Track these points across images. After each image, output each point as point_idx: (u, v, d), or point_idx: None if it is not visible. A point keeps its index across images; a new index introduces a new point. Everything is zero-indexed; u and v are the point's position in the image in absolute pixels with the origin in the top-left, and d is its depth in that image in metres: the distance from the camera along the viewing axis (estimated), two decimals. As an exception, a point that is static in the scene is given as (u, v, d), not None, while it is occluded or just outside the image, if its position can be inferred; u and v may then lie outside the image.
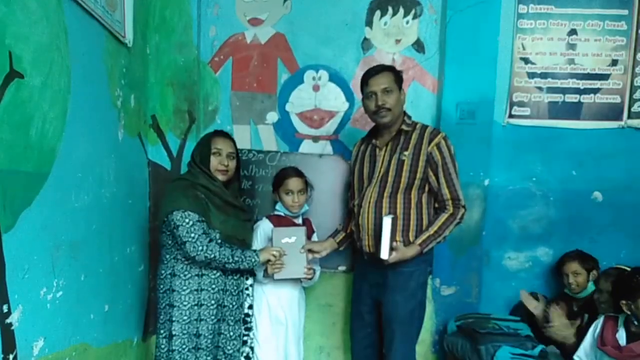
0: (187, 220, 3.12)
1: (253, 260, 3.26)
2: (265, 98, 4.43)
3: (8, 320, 2.20)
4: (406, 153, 3.39)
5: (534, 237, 4.35)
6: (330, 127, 4.42)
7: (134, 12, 3.71)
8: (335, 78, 4.38)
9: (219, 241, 3.21)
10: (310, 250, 3.58)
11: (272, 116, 4.43)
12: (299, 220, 3.81)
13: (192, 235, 3.11)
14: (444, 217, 3.40)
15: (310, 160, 4.28)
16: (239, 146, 4.13)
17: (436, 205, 3.50)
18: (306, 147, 4.44)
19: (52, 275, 2.58)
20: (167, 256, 3.29)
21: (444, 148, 3.39)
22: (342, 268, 4.32)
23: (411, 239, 3.39)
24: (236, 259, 3.19)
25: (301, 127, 4.44)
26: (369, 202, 3.45)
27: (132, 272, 3.82)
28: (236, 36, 4.39)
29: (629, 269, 3.55)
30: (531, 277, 4.38)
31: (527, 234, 4.35)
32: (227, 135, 3.52)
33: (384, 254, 3.18)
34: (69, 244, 2.75)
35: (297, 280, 3.71)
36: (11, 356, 2.23)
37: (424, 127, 3.47)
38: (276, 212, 3.78)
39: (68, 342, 2.78)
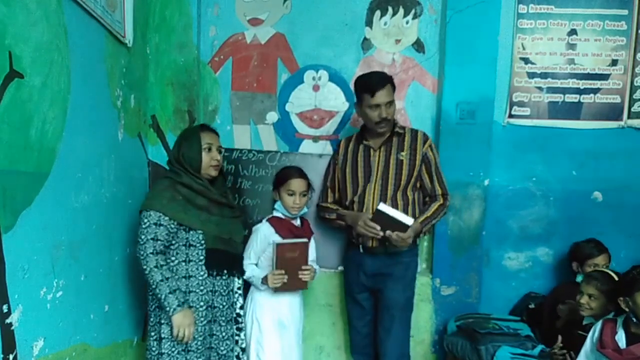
0: (145, 221, 3.07)
1: (167, 308, 3.05)
2: (265, 98, 4.43)
3: (8, 320, 2.20)
4: (403, 153, 3.64)
5: (534, 237, 4.35)
6: (330, 127, 4.42)
7: (134, 12, 3.71)
8: (335, 78, 4.38)
9: (162, 264, 3.08)
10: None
11: (272, 116, 4.43)
12: (298, 222, 3.78)
13: (142, 237, 3.06)
14: (437, 204, 3.73)
15: (311, 160, 4.28)
16: (238, 146, 4.18)
17: (427, 199, 3.79)
18: (306, 147, 4.44)
19: (52, 275, 2.58)
20: None
21: (434, 149, 3.79)
22: (341, 268, 4.30)
23: None
24: (157, 290, 3.05)
25: (301, 127, 4.44)
26: (372, 200, 3.62)
27: (132, 272, 3.82)
28: (236, 36, 4.39)
29: (612, 272, 3.53)
30: (531, 277, 4.38)
31: (527, 234, 4.35)
32: (213, 129, 3.48)
33: (409, 220, 3.42)
34: (69, 244, 2.75)
35: None
36: (11, 356, 2.23)
37: (414, 130, 3.80)
38: (275, 214, 3.74)
39: (68, 342, 2.78)
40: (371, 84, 3.56)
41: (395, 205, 3.57)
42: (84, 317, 2.99)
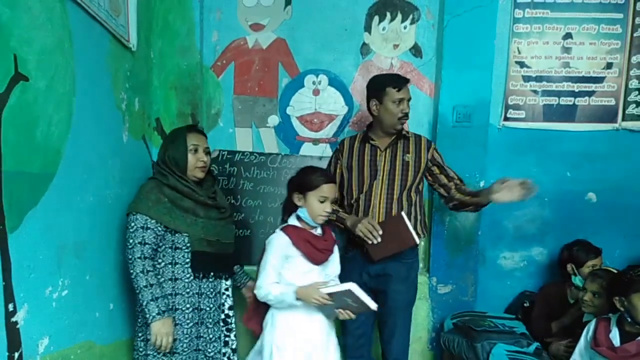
0: (132, 224, 3.05)
1: (147, 315, 3.01)
2: (267, 102, 4.48)
3: (14, 319, 2.23)
4: (409, 155, 3.67)
5: (529, 237, 4.43)
6: (329, 130, 4.48)
7: (138, 17, 3.75)
8: (335, 82, 4.44)
9: (149, 269, 3.05)
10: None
11: (273, 119, 4.49)
12: (319, 230, 3.31)
13: (130, 240, 3.04)
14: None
15: (311, 163, 4.23)
16: (240, 149, 4.21)
17: (452, 190, 3.73)
18: (306, 149, 4.50)
19: (57, 275, 2.62)
20: None
21: (438, 150, 3.79)
22: (341, 268, 4.35)
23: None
24: (140, 295, 3.02)
25: (301, 130, 4.50)
26: (380, 199, 3.63)
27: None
28: (238, 41, 4.44)
29: (615, 270, 3.59)
30: (525, 276, 4.45)
31: (522, 234, 4.42)
32: (200, 130, 3.43)
33: (417, 239, 3.42)
34: (74, 244, 2.79)
35: None
36: (16, 354, 2.25)
37: (417, 135, 3.79)
38: (292, 222, 3.26)
39: (73, 340, 2.81)
40: (398, 79, 3.63)
41: (400, 205, 3.61)
42: (89, 315, 3.02)
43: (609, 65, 4.33)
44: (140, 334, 3.20)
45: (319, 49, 4.42)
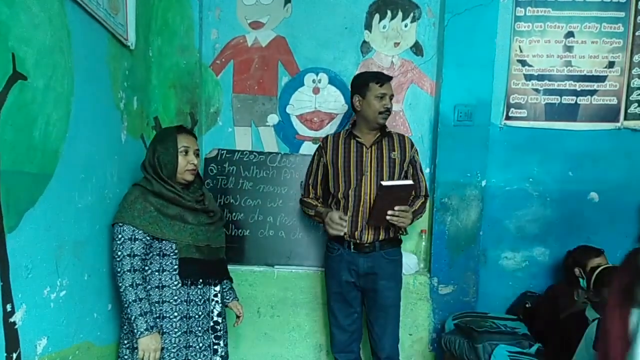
0: (119, 236, 2.97)
1: (135, 330, 2.94)
2: (266, 100, 4.48)
3: (12, 319, 2.21)
4: (395, 153, 3.74)
5: (531, 237, 4.42)
6: (329, 129, 4.47)
7: (137, 16, 3.73)
8: (335, 81, 4.44)
9: (138, 282, 2.97)
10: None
11: (273, 118, 4.49)
12: None
13: (118, 253, 2.96)
14: (420, 201, 3.83)
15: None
16: (240, 148, 4.19)
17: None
18: (306, 148, 4.49)
19: (55, 275, 2.60)
20: None
21: (418, 155, 3.92)
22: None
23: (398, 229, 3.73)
24: (128, 309, 2.94)
25: (301, 129, 4.50)
26: (370, 195, 3.66)
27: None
28: (237, 39, 4.44)
29: None
30: (527, 276, 4.44)
31: (523, 234, 4.41)
32: (190, 131, 3.33)
33: (409, 181, 3.58)
34: (72, 244, 2.77)
35: None
36: (14, 355, 2.24)
37: (400, 135, 3.90)
38: None
39: (71, 340, 2.80)
40: (380, 75, 3.72)
41: None
42: (87, 316, 3.01)
43: (611, 64, 4.31)
44: (126, 342, 3.13)
45: (319, 47, 4.42)
